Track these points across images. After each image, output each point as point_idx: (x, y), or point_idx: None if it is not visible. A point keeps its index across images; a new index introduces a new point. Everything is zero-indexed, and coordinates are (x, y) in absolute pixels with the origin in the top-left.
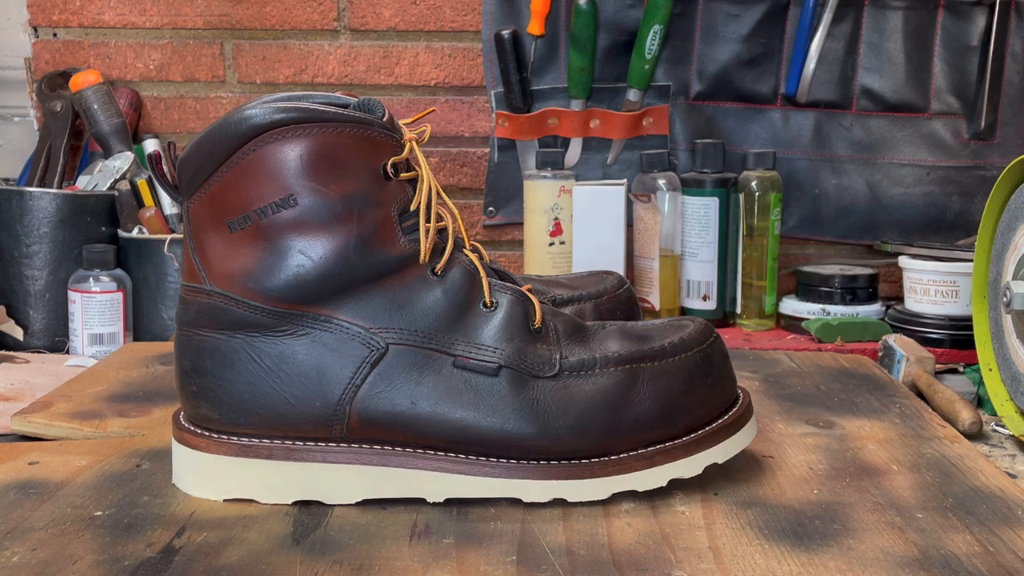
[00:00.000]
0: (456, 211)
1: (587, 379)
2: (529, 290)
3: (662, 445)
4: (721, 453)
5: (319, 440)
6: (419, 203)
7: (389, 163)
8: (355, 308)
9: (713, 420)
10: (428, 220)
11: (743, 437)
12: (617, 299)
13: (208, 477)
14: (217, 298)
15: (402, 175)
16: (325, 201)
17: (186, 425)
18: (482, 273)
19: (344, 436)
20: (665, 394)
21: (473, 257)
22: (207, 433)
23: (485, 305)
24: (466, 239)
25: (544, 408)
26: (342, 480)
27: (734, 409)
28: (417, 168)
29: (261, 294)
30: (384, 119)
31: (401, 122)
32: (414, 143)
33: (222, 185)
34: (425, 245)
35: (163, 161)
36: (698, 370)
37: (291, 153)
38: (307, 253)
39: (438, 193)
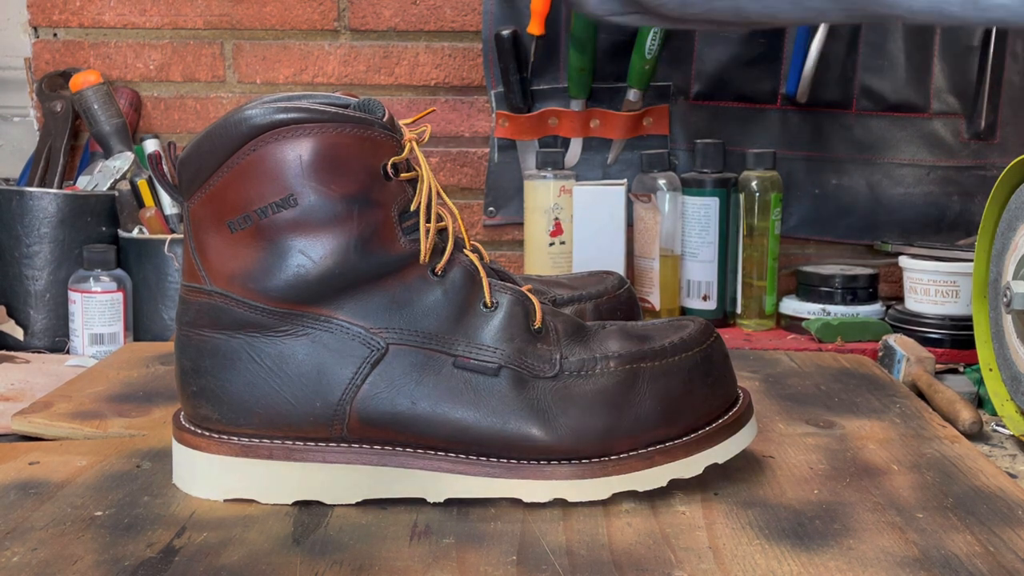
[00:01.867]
0: (456, 211)
1: (587, 379)
2: (529, 290)
3: (662, 445)
4: (721, 453)
5: (319, 440)
6: (419, 203)
7: (389, 163)
8: (355, 308)
9: (713, 420)
10: (428, 220)
11: (743, 437)
12: (617, 299)
13: (208, 477)
14: (217, 298)
15: (402, 175)
16: (325, 201)
17: (186, 425)
18: (482, 273)
19: (344, 436)
20: (665, 394)
21: (473, 257)
22: (207, 433)
23: (485, 305)
24: (466, 239)
25: (544, 408)
26: (342, 480)
27: (734, 409)
28: (417, 168)
29: (261, 294)
30: (384, 119)
31: (401, 122)
32: (414, 143)
33: (222, 185)
34: (425, 245)
35: (163, 161)
36: (698, 370)
37: (291, 153)
38: (307, 253)
39: (438, 193)
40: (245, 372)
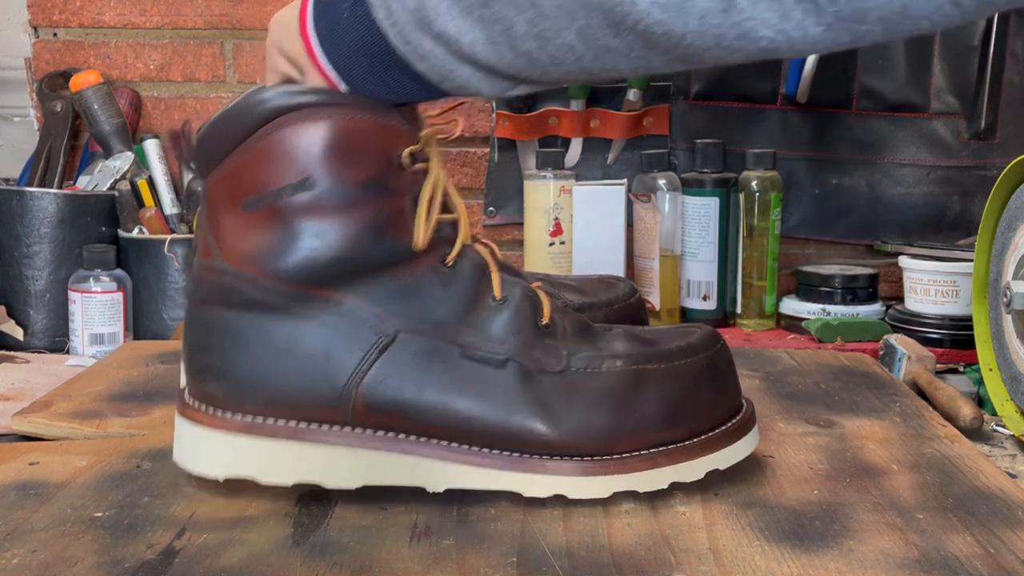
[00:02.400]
0: (463, 207)
1: (593, 377)
2: (538, 287)
3: (665, 447)
4: (723, 459)
5: (323, 423)
6: (426, 192)
7: (405, 152)
8: (366, 294)
9: (716, 426)
10: (432, 210)
11: (746, 444)
12: (628, 307)
13: (210, 453)
14: (229, 277)
15: (418, 165)
16: (341, 186)
17: (190, 402)
18: (492, 267)
19: (349, 420)
20: (670, 396)
21: (484, 252)
22: (211, 410)
23: (494, 299)
24: (469, 235)
25: (550, 403)
26: (344, 463)
27: (738, 417)
28: (430, 160)
29: (273, 275)
30: (402, 108)
31: (430, 113)
32: (431, 134)
33: (239, 165)
34: (424, 233)
35: (182, 139)
36: (703, 375)
37: (309, 137)
38: (321, 237)
39: (447, 187)
40: (253, 351)
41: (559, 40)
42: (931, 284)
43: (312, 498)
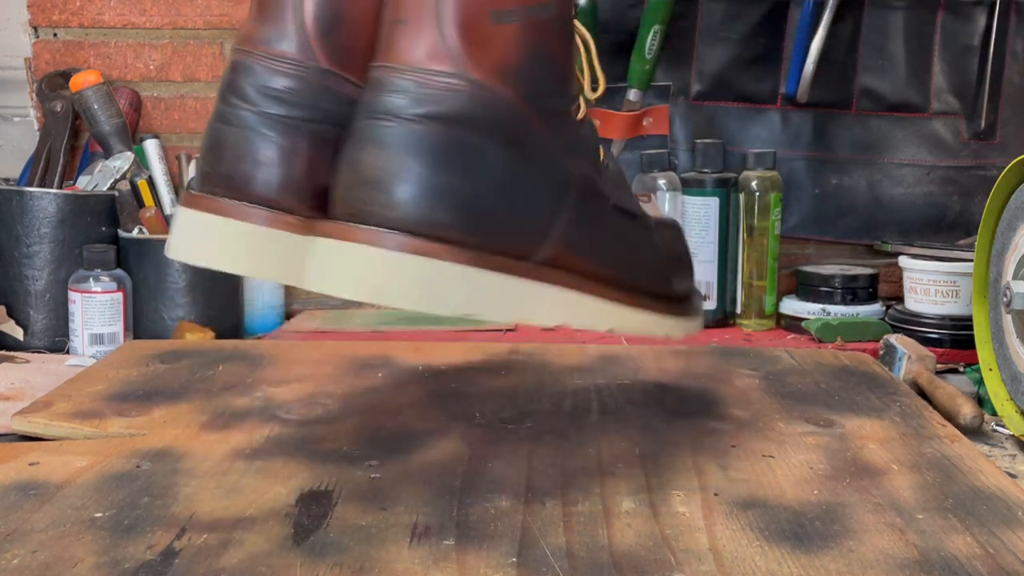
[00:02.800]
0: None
1: (670, 240)
2: None
3: (685, 304)
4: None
5: (524, 260)
6: (592, 42)
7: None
8: (563, 135)
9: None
10: (595, 66)
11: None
12: None
13: (442, 289)
14: (482, 92)
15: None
16: (567, 13)
17: (398, 231)
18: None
19: (546, 260)
20: (689, 262)
21: None
22: (438, 240)
23: (603, 161)
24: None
25: (660, 259)
26: (549, 303)
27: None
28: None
29: (519, 96)
30: None
31: None
32: None
33: None
34: (602, 82)
35: None
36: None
37: None
38: (555, 63)
39: None
40: (486, 179)
41: None
42: (931, 284)
43: (312, 498)
